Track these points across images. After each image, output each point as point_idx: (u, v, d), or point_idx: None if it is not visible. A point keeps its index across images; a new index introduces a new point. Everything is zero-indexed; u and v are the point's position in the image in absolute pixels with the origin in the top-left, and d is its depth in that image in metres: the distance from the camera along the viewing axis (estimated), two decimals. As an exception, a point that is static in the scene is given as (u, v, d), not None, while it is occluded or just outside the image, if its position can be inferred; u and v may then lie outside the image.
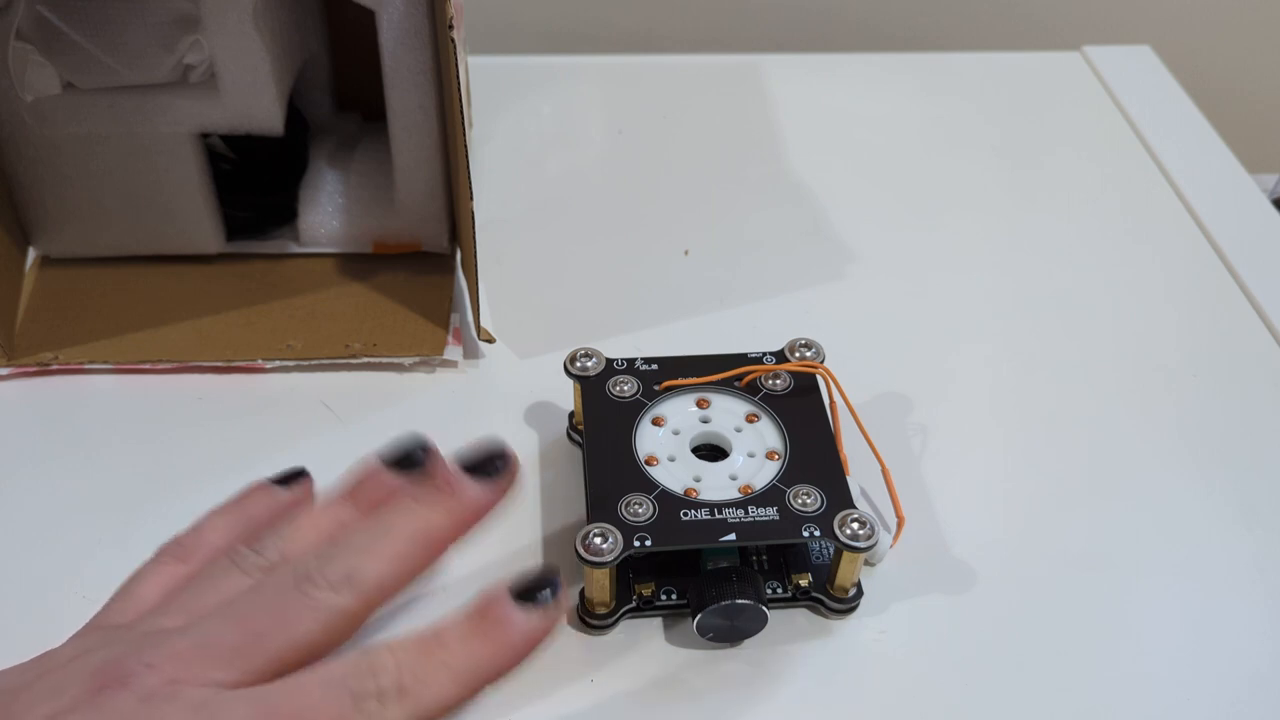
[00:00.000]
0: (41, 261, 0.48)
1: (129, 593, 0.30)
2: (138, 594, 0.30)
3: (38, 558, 0.37)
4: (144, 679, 0.26)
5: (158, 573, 0.31)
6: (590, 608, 0.35)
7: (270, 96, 0.44)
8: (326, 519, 0.31)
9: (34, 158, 0.44)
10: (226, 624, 0.27)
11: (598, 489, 0.35)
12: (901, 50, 0.67)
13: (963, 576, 0.37)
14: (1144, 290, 0.50)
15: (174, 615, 0.28)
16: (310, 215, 0.48)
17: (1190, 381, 0.45)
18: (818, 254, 0.51)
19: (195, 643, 0.27)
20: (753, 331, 0.47)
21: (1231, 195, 0.56)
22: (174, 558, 0.31)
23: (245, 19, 0.41)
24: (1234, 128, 0.62)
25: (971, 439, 0.42)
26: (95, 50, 0.42)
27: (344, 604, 0.28)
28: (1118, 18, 0.76)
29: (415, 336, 0.45)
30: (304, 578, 0.28)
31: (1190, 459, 0.42)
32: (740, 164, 0.57)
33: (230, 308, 0.46)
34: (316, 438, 0.41)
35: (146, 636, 0.27)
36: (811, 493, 0.34)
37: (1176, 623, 0.36)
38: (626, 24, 0.75)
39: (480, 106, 0.59)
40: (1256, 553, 0.38)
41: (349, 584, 0.28)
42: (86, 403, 0.43)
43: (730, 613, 0.33)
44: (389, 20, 0.42)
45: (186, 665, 0.26)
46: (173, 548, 0.31)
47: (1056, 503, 0.40)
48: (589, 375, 0.39)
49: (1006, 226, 0.54)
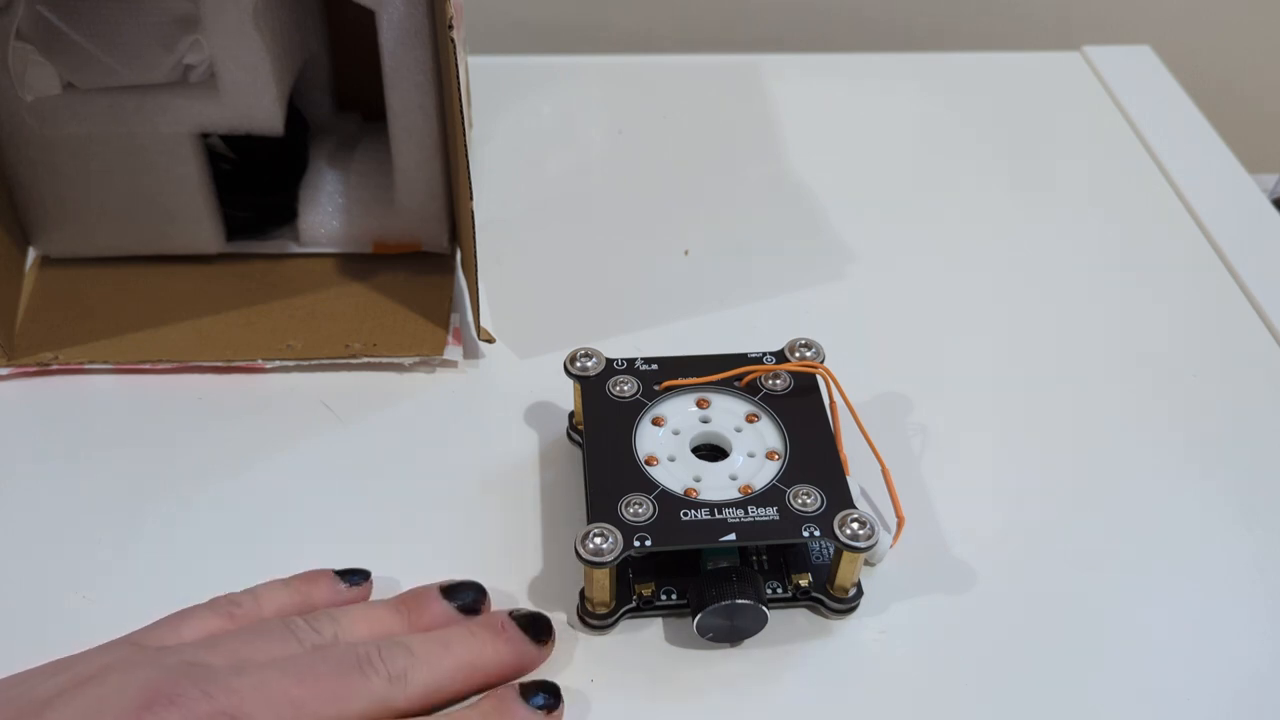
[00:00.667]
0: (41, 261, 0.48)
1: (172, 625, 0.31)
2: (180, 629, 0.31)
3: (38, 558, 0.37)
4: (196, 704, 0.26)
5: (205, 619, 0.31)
6: (590, 608, 0.35)
7: (270, 96, 0.44)
8: (379, 620, 0.32)
9: (34, 158, 0.44)
10: (287, 677, 0.28)
11: (598, 489, 0.35)
12: (901, 50, 0.67)
13: (963, 576, 0.37)
14: (1144, 290, 0.50)
15: (219, 654, 0.29)
16: (310, 215, 0.48)
17: (1190, 381, 0.45)
18: (818, 254, 0.51)
19: (254, 684, 0.27)
20: (753, 331, 0.47)
21: (1231, 195, 0.56)
22: (226, 613, 0.31)
23: (245, 19, 0.41)
24: (1234, 128, 0.62)
25: (972, 439, 0.42)
26: (95, 50, 0.42)
27: (394, 697, 0.29)
28: (1118, 18, 0.76)
29: (415, 336, 0.45)
30: (366, 660, 0.29)
31: (1190, 459, 0.42)
32: (740, 164, 0.57)
33: (230, 308, 0.46)
34: (316, 438, 0.41)
35: (194, 666, 0.28)
36: (811, 493, 0.34)
37: (1176, 623, 0.36)
38: (626, 24, 0.75)
39: (480, 106, 0.59)
40: (1256, 553, 0.38)
41: (404, 681, 0.29)
42: (86, 403, 0.43)
43: (730, 613, 0.33)
44: (389, 20, 0.42)
45: (241, 703, 0.27)
46: (226, 603, 0.32)
47: (1056, 503, 0.40)
48: (589, 375, 0.39)
49: (1006, 226, 0.54)
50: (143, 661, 0.28)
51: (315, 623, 0.31)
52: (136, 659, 0.28)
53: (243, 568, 0.35)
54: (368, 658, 0.29)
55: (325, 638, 0.31)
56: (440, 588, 0.34)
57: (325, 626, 0.31)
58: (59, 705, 0.26)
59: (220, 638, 0.30)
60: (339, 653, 0.30)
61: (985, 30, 0.76)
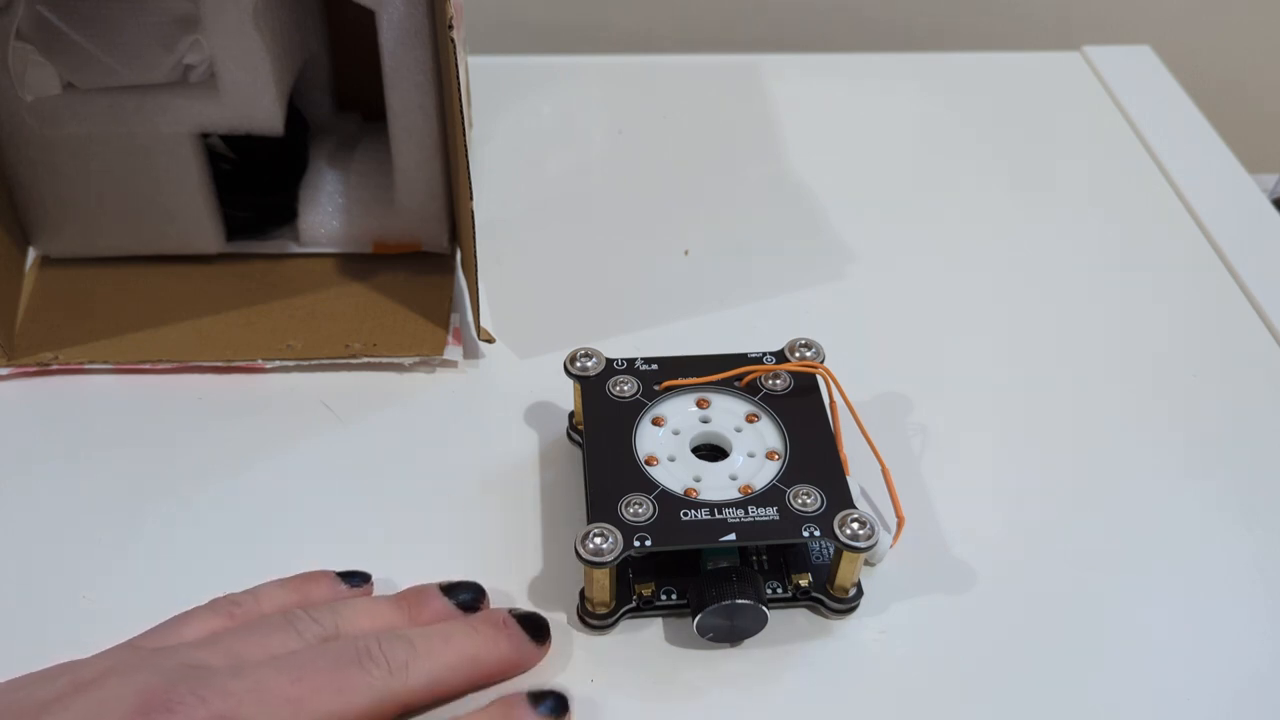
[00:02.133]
0: (41, 261, 0.48)
1: (172, 627, 0.31)
2: (181, 631, 0.31)
3: (38, 558, 0.37)
4: (192, 710, 0.26)
5: (205, 619, 0.31)
6: (590, 608, 0.35)
7: (270, 96, 0.44)
8: (379, 614, 0.32)
9: (34, 158, 0.44)
10: (283, 676, 0.28)
11: (598, 489, 0.35)
12: (901, 50, 0.67)
13: (963, 576, 0.37)
14: (1144, 290, 0.50)
15: (217, 653, 0.29)
16: (310, 215, 0.48)
17: (1190, 381, 0.45)
18: (818, 254, 0.51)
19: (249, 686, 0.27)
20: (752, 331, 0.47)
21: (1231, 195, 0.56)
22: (226, 612, 0.31)
23: (245, 19, 0.41)
24: (1234, 128, 0.62)
25: (972, 439, 0.42)
26: (95, 50, 0.42)
27: (395, 687, 0.29)
28: (1118, 18, 0.76)
29: (415, 336, 0.45)
30: (365, 653, 0.29)
31: (1190, 459, 0.42)
32: (740, 164, 0.57)
33: (230, 308, 0.46)
34: (316, 438, 0.41)
35: (191, 669, 0.28)
36: (811, 493, 0.34)
37: (1176, 623, 0.36)
38: (626, 24, 0.75)
39: (480, 106, 0.59)
40: (1256, 553, 0.38)
41: (405, 672, 0.29)
42: (86, 403, 0.43)
43: (730, 613, 0.33)
44: (389, 20, 0.42)
45: (237, 706, 0.27)
46: (226, 603, 0.32)
47: (1056, 502, 0.40)
48: (589, 375, 0.39)
49: (1006, 226, 0.54)
50: (140, 665, 0.28)
51: (316, 614, 0.31)
52: (134, 662, 0.28)
53: (243, 568, 0.35)
54: (367, 651, 0.29)
55: (326, 629, 0.30)
56: (440, 586, 0.34)
57: (325, 618, 0.31)
58: (57, 710, 0.26)
59: (219, 635, 0.30)
60: (338, 647, 0.30)
61: (985, 30, 0.76)
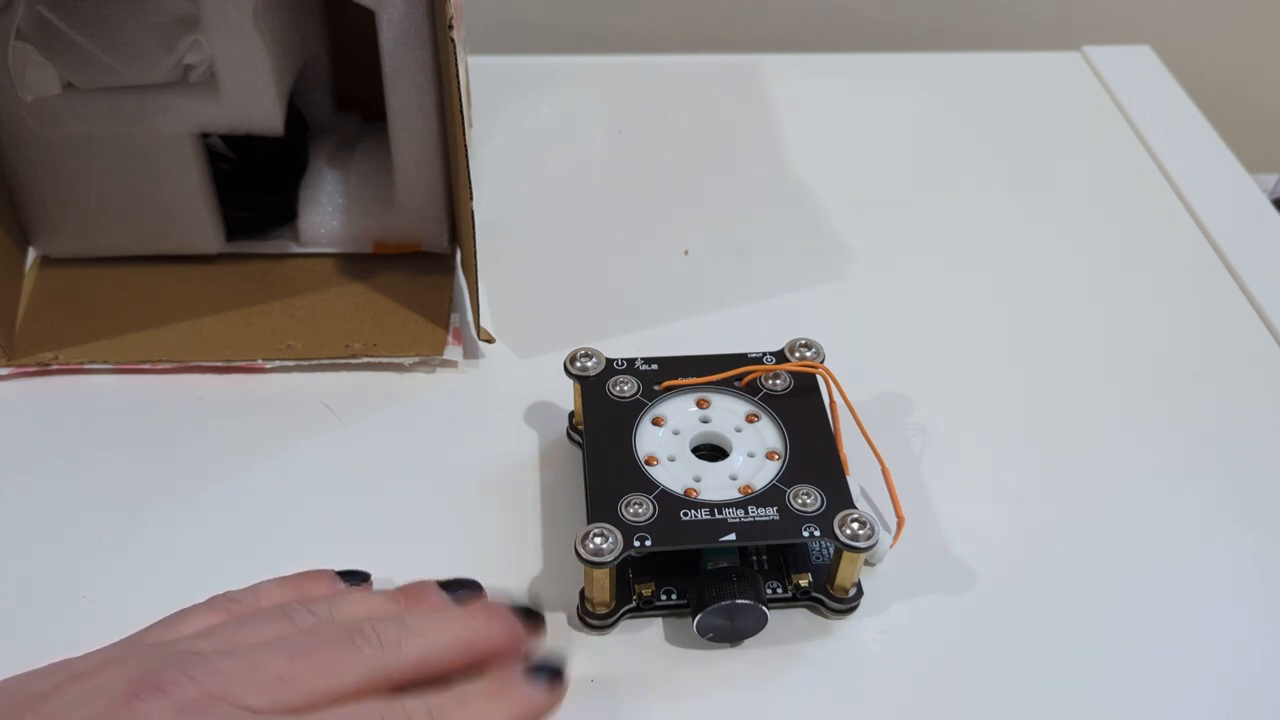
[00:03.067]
0: (41, 261, 0.48)
1: (170, 624, 0.31)
2: (179, 627, 0.31)
3: (38, 558, 0.37)
4: (183, 689, 0.26)
5: (204, 616, 0.31)
6: (590, 608, 0.35)
7: (270, 96, 0.44)
8: (376, 605, 0.32)
9: (34, 158, 0.44)
10: (276, 655, 0.28)
11: (598, 489, 0.35)
12: (901, 50, 0.67)
13: (963, 576, 0.37)
14: (1144, 290, 0.50)
15: (212, 642, 0.29)
16: (310, 215, 0.48)
17: (1190, 381, 0.45)
18: (818, 254, 0.51)
19: (242, 665, 0.28)
20: (753, 331, 0.47)
21: (1231, 195, 0.56)
22: (224, 609, 0.32)
23: (245, 19, 0.41)
24: (1234, 128, 0.62)
25: (972, 439, 0.42)
26: (95, 50, 0.42)
27: (388, 663, 0.29)
28: (1118, 18, 0.76)
29: (415, 336, 0.45)
30: (357, 631, 0.29)
31: (1190, 459, 0.42)
32: (740, 164, 0.57)
33: (230, 308, 0.46)
34: (316, 438, 0.41)
35: (185, 655, 0.28)
36: (811, 493, 0.34)
37: (1177, 623, 0.36)
38: (626, 24, 0.75)
39: (480, 106, 0.59)
40: (1256, 553, 0.38)
41: (397, 649, 0.29)
42: (86, 403, 0.43)
43: (730, 613, 0.33)
44: (389, 20, 0.42)
45: (228, 684, 0.27)
46: (225, 600, 0.32)
47: (1056, 502, 0.40)
48: (589, 375, 0.39)
49: (1006, 226, 0.54)
50: (135, 655, 0.28)
51: (312, 606, 0.31)
52: (130, 653, 0.29)
53: (243, 568, 0.35)
54: (359, 629, 0.29)
55: (320, 619, 0.30)
56: (438, 582, 0.34)
57: (320, 608, 0.31)
58: (54, 698, 0.27)
59: (216, 627, 0.30)
60: (331, 629, 0.30)
61: (985, 30, 0.76)
